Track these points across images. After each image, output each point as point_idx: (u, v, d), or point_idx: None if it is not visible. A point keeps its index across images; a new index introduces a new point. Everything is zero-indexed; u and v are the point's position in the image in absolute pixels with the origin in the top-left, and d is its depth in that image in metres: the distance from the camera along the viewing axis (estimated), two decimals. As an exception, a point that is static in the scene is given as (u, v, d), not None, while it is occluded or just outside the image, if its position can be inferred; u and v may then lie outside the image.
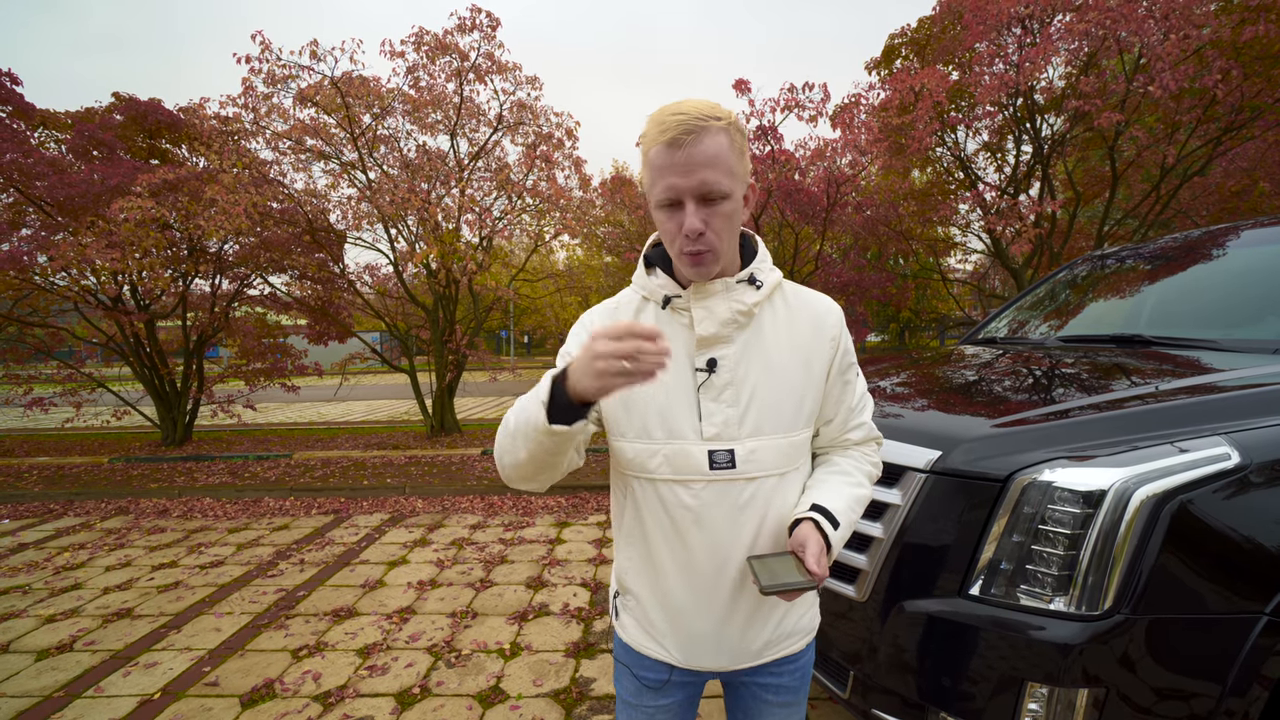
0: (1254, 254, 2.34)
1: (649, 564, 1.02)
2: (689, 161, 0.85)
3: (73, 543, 4.37)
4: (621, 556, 1.07)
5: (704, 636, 1.01)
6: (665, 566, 1.00)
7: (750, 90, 6.93)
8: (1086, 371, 1.94)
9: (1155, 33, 5.52)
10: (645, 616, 1.05)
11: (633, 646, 1.07)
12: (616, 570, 1.09)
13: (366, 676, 2.55)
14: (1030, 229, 6.40)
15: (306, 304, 7.72)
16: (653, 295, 1.01)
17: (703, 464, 0.95)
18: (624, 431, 0.98)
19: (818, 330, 1.01)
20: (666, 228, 0.92)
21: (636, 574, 1.04)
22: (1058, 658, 1.23)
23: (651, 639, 1.04)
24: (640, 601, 1.05)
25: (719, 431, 0.95)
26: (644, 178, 0.94)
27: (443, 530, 4.46)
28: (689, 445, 0.95)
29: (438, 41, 6.51)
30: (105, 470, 6.45)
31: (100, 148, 6.90)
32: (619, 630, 1.11)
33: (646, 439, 0.96)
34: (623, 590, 1.09)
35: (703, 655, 1.03)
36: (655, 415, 0.96)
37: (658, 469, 0.96)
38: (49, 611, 3.24)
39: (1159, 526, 1.21)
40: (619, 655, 1.12)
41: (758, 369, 0.97)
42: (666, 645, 1.03)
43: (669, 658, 1.04)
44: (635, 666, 1.08)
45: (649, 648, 1.05)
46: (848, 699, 1.63)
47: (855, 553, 1.60)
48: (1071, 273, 3.11)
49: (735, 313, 0.96)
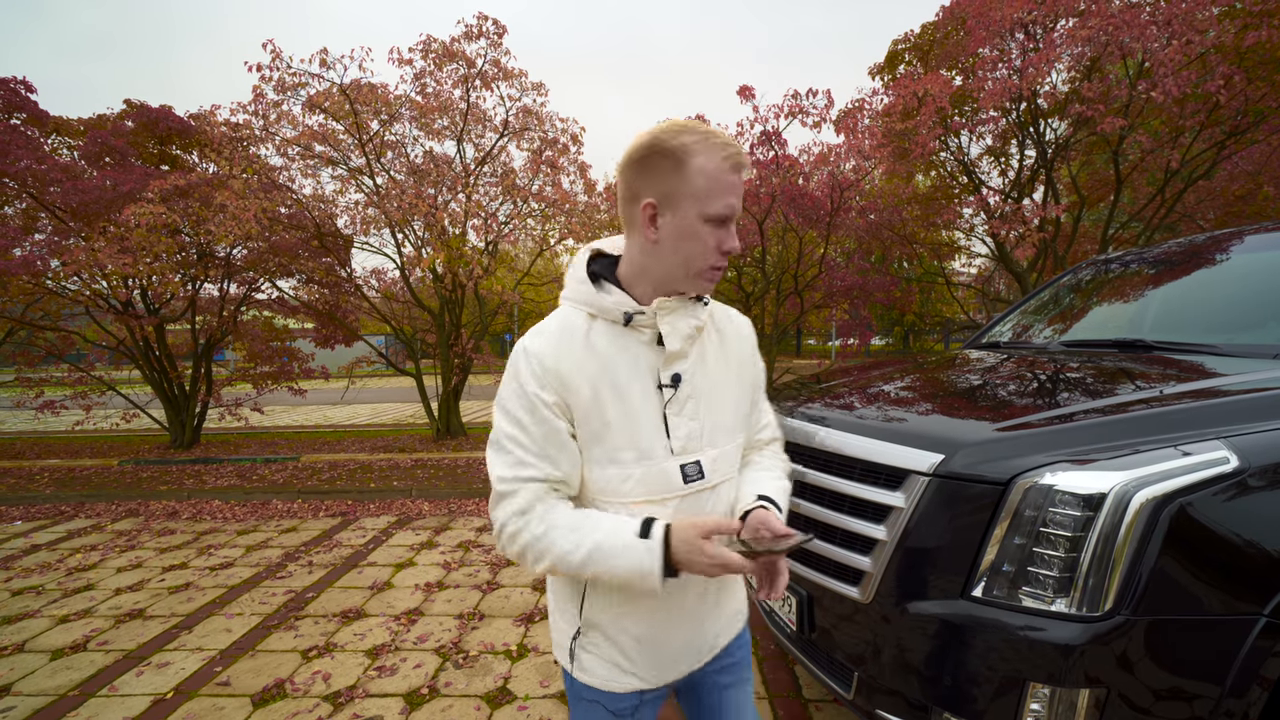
0: (1257, 259, 2.36)
1: (619, 591, 0.99)
2: (739, 186, 0.91)
3: (84, 544, 4.42)
4: (590, 598, 1.02)
5: (675, 650, 1.05)
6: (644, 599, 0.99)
7: (755, 96, 6.97)
8: (1089, 376, 1.96)
9: (1158, 38, 5.53)
10: (613, 651, 1.02)
11: (599, 687, 1.04)
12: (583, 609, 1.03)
13: (376, 677, 2.58)
14: (1034, 233, 6.41)
15: (314, 308, 7.79)
16: (604, 313, 0.97)
17: (677, 481, 0.97)
18: (595, 457, 0.95)
19: (742, 343, 1.10)
20: (708, 243, 0.92)
21: (604, 606, 1.01)
22: (1059, 658, 1.25)
23: (620, 672, 1.03)
24: (608, 636, 1.02)
25: (684, 445, 0.97)
26: (684, 185, 0.89)
27: (449, 533, 4.49)
28: (662, 464, 0.96)
29: (445, 49, 6.59)
30: (115, 472, 6.52)
31: (112, 154, 6.99)
32: (579, 674, 1.05)
33: (617, 464, 0.95)
34: (586, 628, 1.03)
35: (672, 669, 1.06)
36: (625, 438, 0.94)
37: (630, 492, 0.95)
38: (62, 612, 3.28)
39: (1158, 529, 1.23)
40: (584, 695, 1.06)
41: (707, 382, 1.01)
42: (638, 673, 1.03)
43: (640, 684, 1.04)
44: (607, 703, 1.04)
45: (618, 682, 1.03)
46: (852, 700, 1.65)
47: (859, 555, 1.62)
48: (1075, 277, 3.13)
49: (693, 328, 0.98)
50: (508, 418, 0.94)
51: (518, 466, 0.93)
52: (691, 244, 0.92)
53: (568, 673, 1.08)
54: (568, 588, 1.05)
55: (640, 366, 0.96)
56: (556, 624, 1.10)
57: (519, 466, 0.93)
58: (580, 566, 0.90)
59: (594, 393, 0.93)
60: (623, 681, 1.03)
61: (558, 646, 1.09)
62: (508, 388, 0.96)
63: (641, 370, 0.96)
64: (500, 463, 0.95)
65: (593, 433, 0.94)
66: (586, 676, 1.04)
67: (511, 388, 0.95)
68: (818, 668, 1.80)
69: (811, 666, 1.83)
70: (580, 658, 1.04)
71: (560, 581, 1.07)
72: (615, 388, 0.94)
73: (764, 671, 2.57)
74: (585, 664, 1.04)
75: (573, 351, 0.94)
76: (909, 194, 9.13)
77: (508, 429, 0.94)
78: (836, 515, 1.71)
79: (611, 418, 0.93)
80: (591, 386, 0.93)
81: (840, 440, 1.77)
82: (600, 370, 0.94)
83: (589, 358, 0.94)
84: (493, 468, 0.96)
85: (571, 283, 1.01)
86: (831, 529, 1.73)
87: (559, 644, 1.09)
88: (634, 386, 0.95)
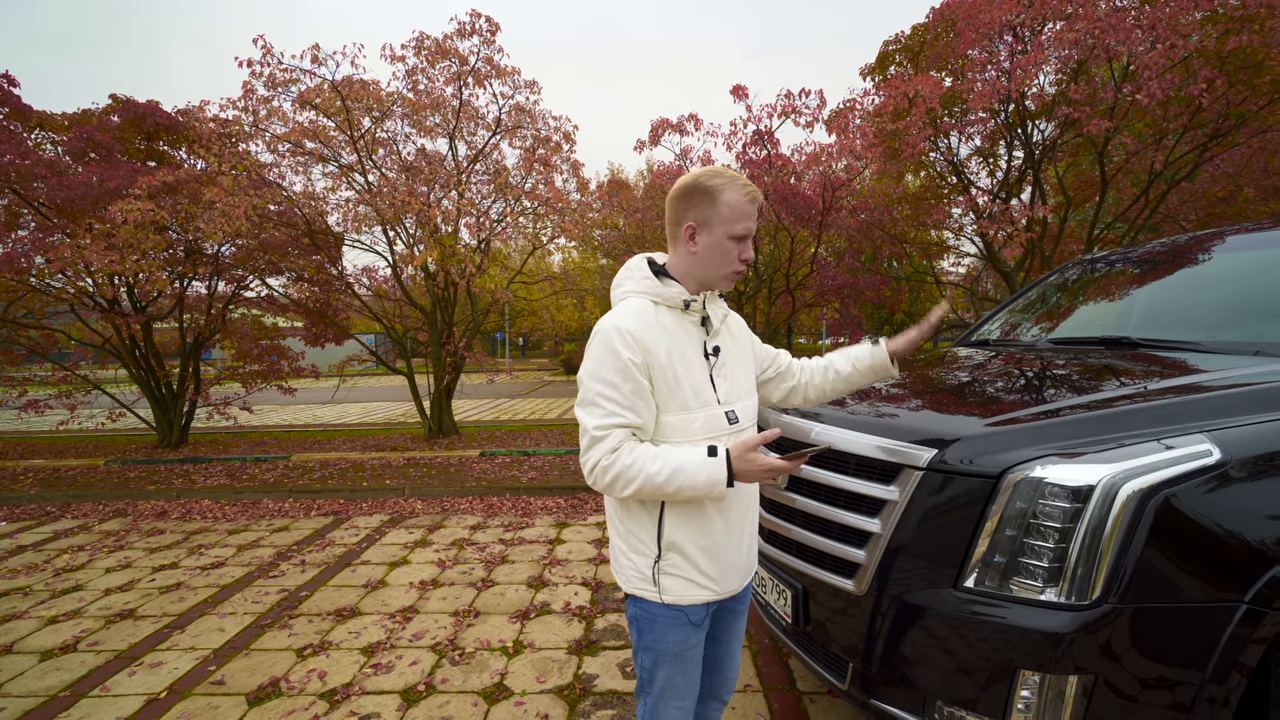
0: (1237, 259, 2.42)
1: (695, 515, 1.28)
2: (755, 215, 1.30)
3: (71, 545, 4.37)
4: (668, 520, 1.28)
5: (733, 561, 1.34)
6: (708, 511, 1.29)
7: (747, 96, 7.01)
8: (1076, 372, 2.00)
9: (1142, 42, 5.62)
10: (690, 568, 1.29)
11: (680, 604, 1.30)
12: (663, 534, 1.28)
13: (371, 674, 2.58)
14: (1022, 233, 6.49)
15: (304, 306, 7.72)
16: (666, 300, 1.31)
17: (724, 424, 1.30)
18: (670, 406, 1.25)
19: (742, 328, 1.50)
20: (731, 253, 1.29)
21: (685, 527, 1.28)
22: (1049, 646, 1.28)
23: (697, 587, 1.30)
24: (685, 555, 1.29)
25: (726, 397, 1.33)
26: (708, 214, 1.27)
27: (443, 531, 4.49)
28: (714, 410, 1.29)
29: (438, 45, 6.56)
30: (102, 472, 6.44)
31: (98, 149, 6.89)
32: (663, 596, 1.30)
33: (686, 410, 1.26)
34: (667, 551, 1.29)
35: (734, 578, 1.35)
36: (691, 391, 1.26)
37: (696, 431, 1.26)
38: (51, 613, 3.25)
39: (1144, 520, 1.26)
40: (665, 615, 1.31)
41: (733, 354, 1.39)
42: (709, 584, 1.31)
43: (710, 595, 1.32)
44: (690, 614, 1.31)
45: (694, 595, 1.30)
46: (847, 691, 1.68)
47: (854, 548, 1.65)
48: (1062, 276, 3.19)
49: (724, 314, 1.42)
50: (600, 380, 1.22)
51: (609, 416, 1.21)
52: (721, 255, 1.29)
53: (644, 601, 1.32)
54: (644, 521, 1.30)
55: (693, 339, 1.31)
56: (633, 562, 1.33)
57: (610, 416, 1.21)
58: (664, 484, 1.18)
59: (668, 357, 1.24)
60: (699, 594, 1.30)
61: (635, 580, 1.32)
62: (599, 359, 1.22)
63: (695, 342, 1.31)
64: (594, 415, 1.22)
65: (668, 386, 1.24)
66: (671, 597, 1.30)
67: (602, 357, 1.22)
68: (813, 660, 1.83)
69: (806, 659, 1.86)
70: (663, 582, 1.29)
71: (635, 520, 1.31)
72: (680, 354, 1.27)
73: (758, 665, 2.60)
74: (668, 586, 1.30)
75: (650, 327, 1.25)
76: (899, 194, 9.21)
77: (600, 389, 1.22)
78: (832, 509, 1.74)
79: (680, 375, 1.25)
80: (666, 352, 1.24)
81: (835, 436, 1.80)
82: (670, 341, 1.26)
83: (661, 333, 1.26)
84: (587, 420, 1.23)
85: (638, 279, 1.34)
86: (827, 523, 1.76)
87: (638, 577, 1.32)
88: (690, 353, 1.29)
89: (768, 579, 2.03)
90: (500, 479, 5.73)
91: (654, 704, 1.37)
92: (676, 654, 1.33)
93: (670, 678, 1.34)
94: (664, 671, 1.34)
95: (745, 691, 2.40)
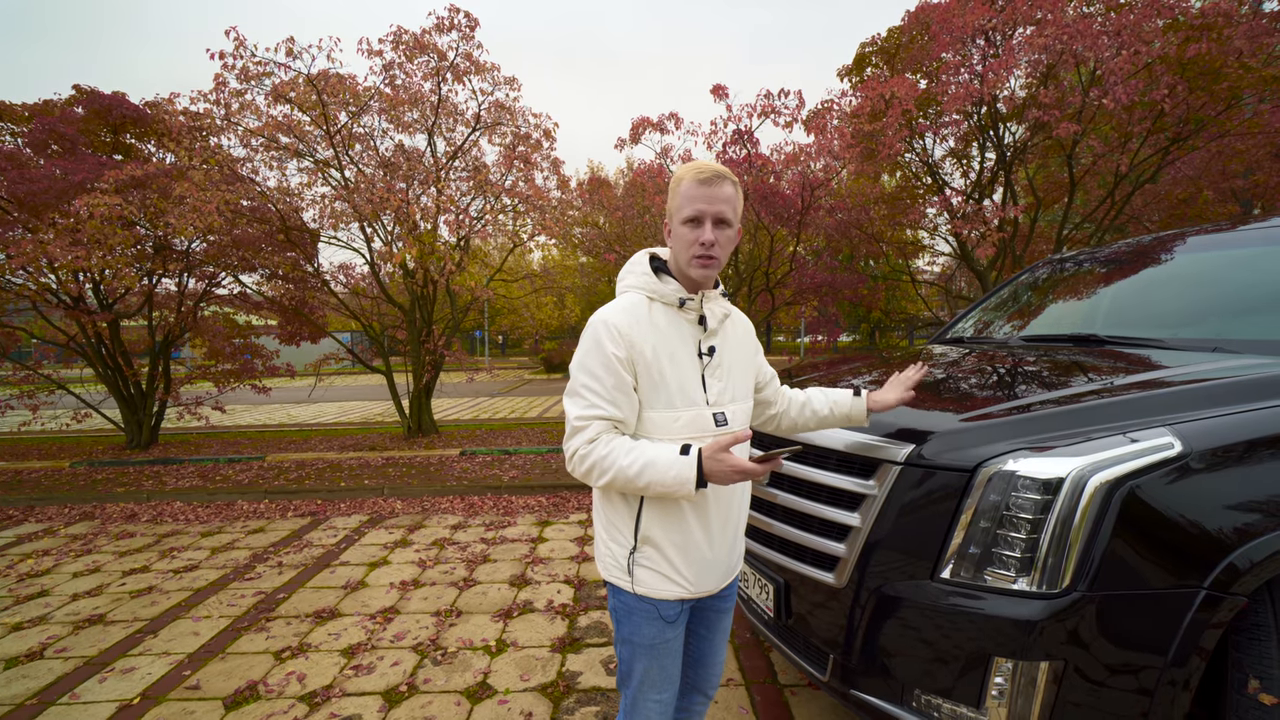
0: (1197, 259, 2.51)
1: (670, 512, 1.29)
2: (712, 196, 1.24)
3: (36, 549, 4.23)
4: (646, 514, 1.30)
5: (709, 563, 1.34)
6: (684, 509, 1.29)
7: (728, 96, 7.05)
8: (1046, 369, 2.06)
9: (1108, 48, 5.80)
10: (664, 563, 1.30)
11: (652, 596, 1.32)
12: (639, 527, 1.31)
13: (352, 676, 2.56)
14: (994, 232, 6.65)
15: (278, 304, 7.57)
16: (661, 297, 1.31)
17: (710, 425, 1.29)
18: (653, 403, 1.26)
19: (748, 333, 1.49)
20: (687, 239, 1.26)
21: (661, 524, 1.29)
22: (1021, 635, 1.33)
23: (669, 582, 1.31)
24: (660, 549, 1.30)
25: (716, 399, 1.32)
26: (672, 204, 1.29)
27: (423, 531, 4.45)
28: (701, 411, 1.29)
29: (416, 40, 6.47)
30: (67, 474, 6.24)
31: (61, 141, 6.66)
32: (636, 587, 1.32)
33: (670, 408, 1.26)
34: (642, 544, 1.31)
35: (708, 579, 1.36)
36: (677, 389, 1.27)
37: (679, 431, 1.26)
38: (15, 619, 3.15)
39: (1111, 511, 1.32)
40: (639, 606, 1.33)
41: (730, 356, 1.37)
42: (682, 581, 1.31)
43: (683, 592, 1.32)
44: (661, 609, 1.33)
45: (667, 590, 1.32)
46: (827, 682, 1.72)
47: (834, 541, 1.68)
48: (1032, 275, 3.28)
49: (723, 314, 1.38)
50: (585, 372, 1.25)
51: (590, 408, 1.23)
52: (679, 242, 1.29)
53: (620, 591, 1.35)
54: (623, 513, 1.32)
55: (687, 338, 1.31)
56: (611, 550, 1.36)
57: (591, 408, 1.23)
58: (635, 477, 1.19)
59: (654, 354, 1.25)
60: (670, 589, 1.31)
61: (612, 569, 1.35)
62: (587, 351, 1.25)
63: (688, 341, 1.31)
64: (577, 405, 1.25)
65: (651, 382, 1.25)
66: (643, 589, 1.32)
67: (589, 349, 1.25)
68: (794, 653, 1.86)
69: (788, 651, 1.89)
70: (637, 573, 1.32)
71: (615, 511, 1.34)
72: (670, 352, 1.27)
73: (740, 659, 2.63)
74: (641, 578, 1.32)
75: (638, 323, 1.26)
76: (876, 194, 9.34)
77: (585, 380, 1.24)
78: (812, 504, 1.78)
79: (666, 373, 1.26)
80: (653, 350, 1.25)
81: (816, 431, 1.83)
82: (659, 339, 1.27)
83: (650, 329, 1.27)
84: (570, 409, 1.26)
85: (637, 274, 1.35)
86: (808, 518, 1.79)
87: (615, 565, 1.35)
88: (682, 352, 1.29)
89: (750, 574, 2.06)
90: (481, 478, 5.70)
91: (634, 696, 1.40)
92: (651, 647, 1.35)
93: (648, 670, 1.37)
94: (641, 664, 1.37)
95: (728, 685, 2.43)
